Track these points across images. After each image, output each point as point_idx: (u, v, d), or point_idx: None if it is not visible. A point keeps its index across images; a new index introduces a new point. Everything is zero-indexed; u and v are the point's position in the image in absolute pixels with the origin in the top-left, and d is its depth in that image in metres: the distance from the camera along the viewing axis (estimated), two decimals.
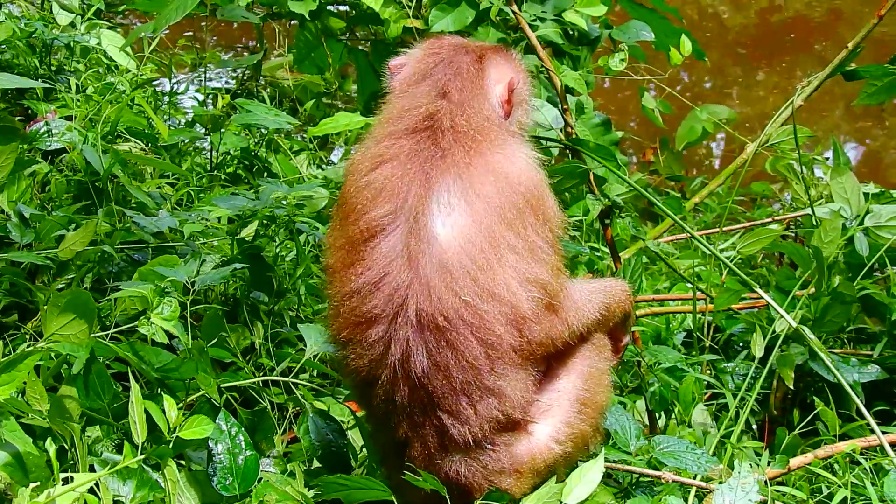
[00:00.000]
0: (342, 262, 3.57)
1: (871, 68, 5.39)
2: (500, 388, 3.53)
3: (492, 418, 3.54)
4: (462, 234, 3.45)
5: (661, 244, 5.52)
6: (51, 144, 5.73)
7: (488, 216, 3.47)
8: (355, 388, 3.73)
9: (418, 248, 3.44)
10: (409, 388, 3.50)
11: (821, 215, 5.17)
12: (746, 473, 3.86)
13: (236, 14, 7.65)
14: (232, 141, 6.83)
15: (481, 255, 3.44)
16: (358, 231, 3.53)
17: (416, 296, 3.43)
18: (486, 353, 3.48)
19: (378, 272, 3.47)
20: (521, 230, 3.53)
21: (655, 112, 6.53)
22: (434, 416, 3.52)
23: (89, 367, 3.76)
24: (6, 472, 3.32)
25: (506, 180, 3.54)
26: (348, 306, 3.53)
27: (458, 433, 3.52)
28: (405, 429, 3.57)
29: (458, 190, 3.49)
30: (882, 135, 11.02)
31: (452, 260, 3.43)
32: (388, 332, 3.48)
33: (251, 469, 3.73)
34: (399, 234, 3.47)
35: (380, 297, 3.47)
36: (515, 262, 3.50)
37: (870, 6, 12.50)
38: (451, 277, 3.43)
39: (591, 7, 6.05)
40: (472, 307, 3.44)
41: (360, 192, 3.57)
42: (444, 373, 3.47)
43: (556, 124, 4.68)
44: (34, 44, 7.11)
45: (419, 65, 3.84)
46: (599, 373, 3.88)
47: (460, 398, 3.49)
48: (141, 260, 5.00)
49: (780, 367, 4.85)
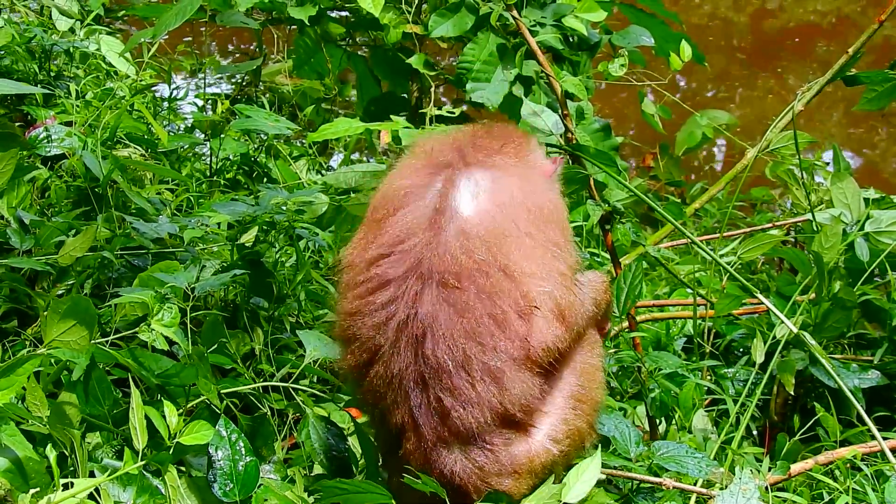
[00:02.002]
0: (363, 245, 3.66)
1: (871, 74, 5.41)
2: (500, 374, 3.51)
3: (491, 406, 3.51)
4: (486, 212, 3.56)
5: (661, 250, 5.51)
6: (50, 150, 5.72)
7: (513, 206, 3.59)
8: (355, 376, 3.70)
9: (441, 219, 3.53)
10: (410, 355, 3.50)
11: (821, 221, 5.16)
12: (747, 479, 3.85)
13: (235, 20, 7.65)
14: (231, 146, 6.83)
15: (500, 231, 3.54)
16: (383, 214, 3.64)
17: (430, 255, 3.50)
18: (490, 327, 3.48)
19: (400, 236, 3.56)
20: (541, 225, 3.62)
21: (655, 117, 6.52)
22: (433, 394, 3.50)
23: (89, 373, 3.76)
24: (6, 479, 3.31)
25: (530, 183, 3.71)
26: (364, 277, 3.59)
27: (457, 416, 3.50)
28: (402, 413, 3.55)
29: (485, 182, 3.62)
30: (882, 140, 11.03)
31: (471, 229, 3.51)
32: (397, 293, 3.51)
33: (251, 475, 3.73)
34: (423, 209, 3.57)
35: (396, 257, 3.54)
36: (533, 251, 3.57)
37: (870, 11, 12.52)
38: (467, 240, 3.49)
39: (590, 12, 6.06)
40: (483, 273, 3.48)
41: (390, 190, 3.70)
42: (447, 339, 3.47)
43: (556, 130, 4.67)
44: (33, 49, 7.11)
45: None
46: (593, 369, 3.87)
47: (460, 373, 3.48)
48: (141, 266, 5.00)
49: (781, 372, 4.84)
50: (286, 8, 7.73)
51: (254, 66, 8.51)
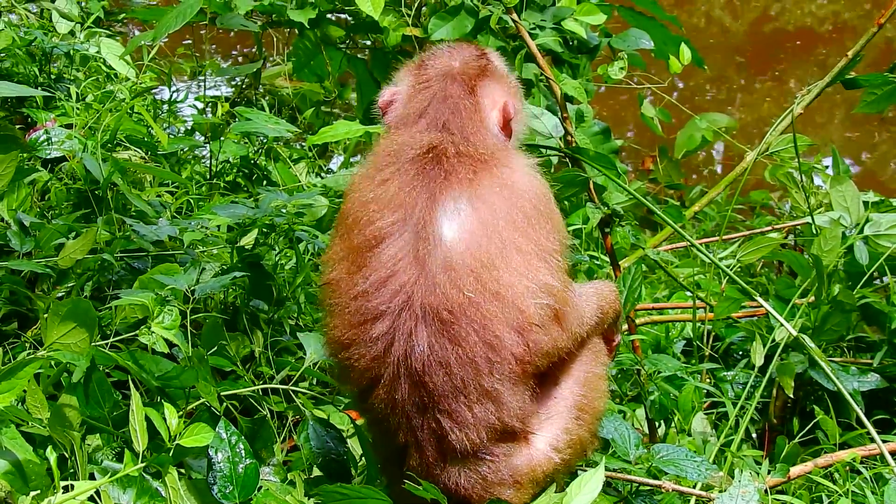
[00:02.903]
0: (346, 271, 3.58)
1: (870, 77, 5.41)
2: (497, 393, 3.52)
3: (488, 424, 3.53)
4: (468, 235, 3.48)
5: (660, 252, 5.52)
6: (50, 153, 5.73)
7: (495, 220, 3.51)
8: (356, 395, 3.71)
9: (425, 249, 3.46)
10: (410, 385, 3.49)
11: (820, 224, 5.17)
12: (747, 482, 3.85)
13: (235, 22, 7.66)
14: (231, 149, 6.83)
15: (487, 257, 3.47)
16: (363, 240, 3.55)
17: (421, 291, 3.45)
18: (486, 353, 3.48)
19: (385, 273, 3.49)
20: (529, 233, 3.56)
21: (655, 120, 6.53)
22: (432, 417, 3.51)
23: (89, 375, 3.76)
24: (6, 481, 3.31)
25: (512, 189, 3.59)
26: (353, 307, 3.54)
27: (455, 438, 3.51)
28: (404, 433, 3.56)
29: (465, 198, 3.53)
30: (882, 143, 11.04)
31: (457, 259, 3.45)
32: (392, 326, 3.48)
33: (251, 477, 3.73)
34: (407, 238, 3.49)
35: (385, 294, 3.48)
36: (522, 266, 3.52)
37: (870, 14, 12.54)
38: (455, 274, 3.45)
39: (590, 15, 6.06)
40: (474, 305, 3.45)
41: (365, 206, 3.59)
42: (445, 368, 3.46)
43: (556, 133, 4.68)
44: (34, 52, 7.11)
45: (412, 102, 3.86)
46: (597, 378, 3.87)
47: (458, 398, 3.48)
48: (141, 268, 5.00)
49: (780, 375, 4.85)
50: (286, 11, 7.74)
51: (254, 68, 8.50)
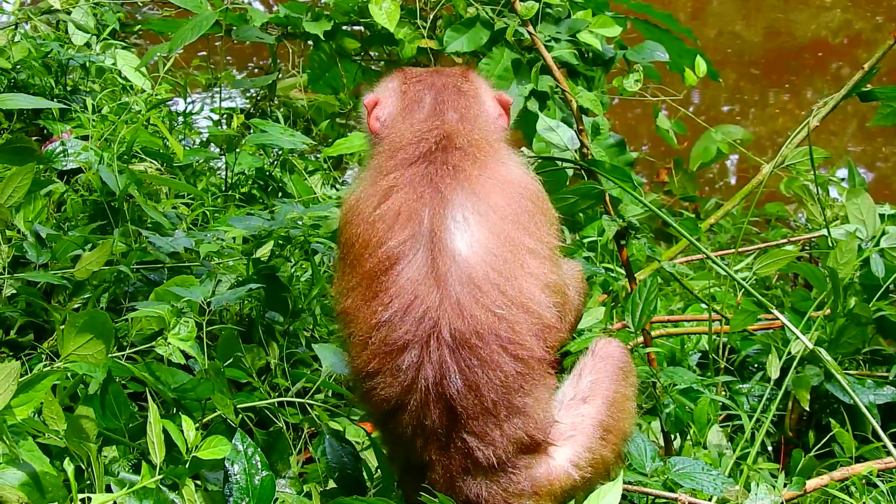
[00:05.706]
0: (363, 298, 3.53)
1: (886, 90, 5.41)
2: (526, 407, 3.53)
3: (516, 439, 3.53)
4: (483, 247, 3.47)
5: (676, 265, 5.51)
6: (66, 164, 5.75)
7: (504, 224, 3.52)
8: (378, 416, 3.68)
9: (444, 268, 3.44)
10: (440, 411, 3.48)
11: (836, 236, 5.16)
12: (763, 495, 3.85)
13: (251, 34, 7.68)
14: (247, 161, 6.84)
15: (505, 266, 3.47)
16: (376, 263, 3.50)
17: (447, 316, 3.42)
18: (516, 369, 3.48)
19: (406, 298, 3.45)
20: (534, 231, 3.58)
21: (670, 132, 6.52)
22: (460, 438, 3.51)
23: (106, 387, 3.77)
24: (24, 492, 3.32)
25: (511, 187, 3.61)
26: (377, 337, 3.49)
27: (482, 456, 3.51)
28: (430, 452, 3.55)
29: (471, 204, 3.51)
30: (893, 155, 11.01)
31: (479, 275, 3.44)
32: (421, 356, 3.45)
33: (267, 490, 3.73)
34: (422, 257, 3.46)
35: (410, 322, 3.44)
36: (535, 266, 3.54)
37: (881, 26, 12.52)
38: (480, 293, 3.43)
39: (605, 28, 6.06)
40: (504, 320, 3.44)
41: (372, 226, 3.55)
42: (476, 392, 3.46)
43: (572, 145, 4.68)
44: (50, 64, 7.14)
45: (406, 97, 3.85)
46: (625, 398, 3.86)
47: (489, 419, 3.48)
48: (157, 280, 5.01)
49: (796, 388, 4.84)
50: (301, 23, 7.76)
51: (269, 80, 8.52)
